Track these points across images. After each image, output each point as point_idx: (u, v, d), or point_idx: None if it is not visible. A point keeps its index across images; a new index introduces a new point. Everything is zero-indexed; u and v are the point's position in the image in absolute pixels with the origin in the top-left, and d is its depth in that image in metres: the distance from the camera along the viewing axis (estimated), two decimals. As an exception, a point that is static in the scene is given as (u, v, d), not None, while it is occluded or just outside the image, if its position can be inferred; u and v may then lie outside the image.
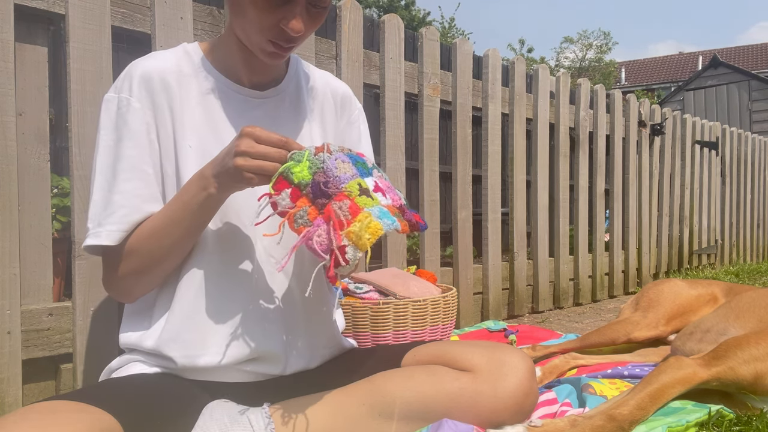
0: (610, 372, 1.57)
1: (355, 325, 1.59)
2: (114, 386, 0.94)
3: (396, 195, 0.92)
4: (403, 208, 0.91)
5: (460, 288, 2.47)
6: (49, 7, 1.41)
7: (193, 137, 1.01)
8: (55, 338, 1.42)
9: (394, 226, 0.85)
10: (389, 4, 15.26)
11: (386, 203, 0.88)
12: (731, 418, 1.13)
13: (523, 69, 2.88)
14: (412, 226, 0.91)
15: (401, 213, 0.90)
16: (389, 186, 0.93)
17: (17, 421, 0.74)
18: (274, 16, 0.93)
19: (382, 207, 0.87)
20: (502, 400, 0.98)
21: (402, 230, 0.88)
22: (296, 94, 1.12)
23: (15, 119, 1.34)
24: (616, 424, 1.03)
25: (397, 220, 0.87)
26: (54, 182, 1.79)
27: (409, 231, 0.90)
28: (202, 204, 0.92)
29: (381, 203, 0.88)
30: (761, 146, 5.58)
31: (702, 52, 22.80)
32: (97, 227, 0.96)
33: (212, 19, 1.71)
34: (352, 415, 0.97)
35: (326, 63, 2.01)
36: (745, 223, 5.32)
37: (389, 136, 2.19)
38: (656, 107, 3.97)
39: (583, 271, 3.26)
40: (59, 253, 1.68)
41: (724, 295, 1.73)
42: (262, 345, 1.00)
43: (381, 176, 0.93)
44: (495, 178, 2.68)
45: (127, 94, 0.98)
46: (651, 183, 3.90)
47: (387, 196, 0.90)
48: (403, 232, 0.88)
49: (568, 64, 21.79)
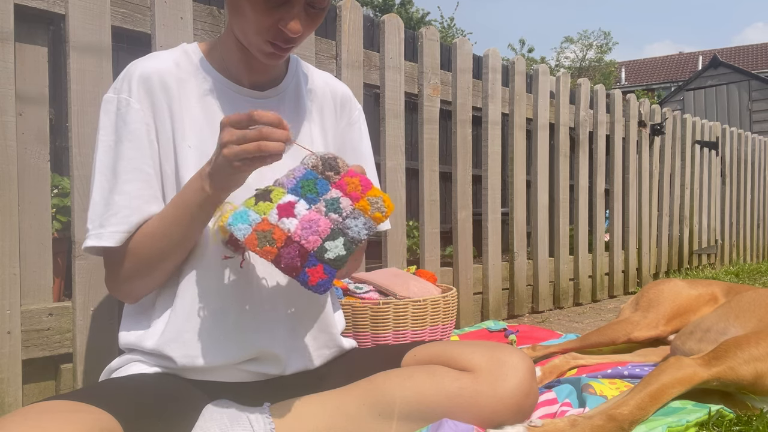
0: (610, 372, 1.57)
1: (355, 325, 1.59)
2: (114, 386, 0.94)
3: (302, 231, 0.87)
4: (290, 242, 0.86)
5: (460, 288, 2.47)
6: (49, 7, 1.41)
7: (193, 137, 1.01)
8: (55, 338, 1.42)
9: (230, 227, 0.85)
10: (384, 4, 15.20)
11: (274, 222, 0.86)
12: (731, 418, 1.13)
13: (523, 69, 2.88)
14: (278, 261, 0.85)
15: (275, 241, 0.85)
16: (314, 221, 0.88)
17: (17, 421, 0.74)
18: (271, 17, 0.93)
19: (249, 210, 0.87)
20: (502, 400, 0.98)
21: (246, 244, 0.85)
22: (296, 95, 1.12)
23: (15, 119, 1.34)
24: (616, 424, 1.03)
25: (250, 229, 0.85)
26: (54, 182, 1.79)
27: (267, 258, 0.85)
28: (201, 204, 0.92)
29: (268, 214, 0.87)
30: (761, 146, 5.58)
31: (702, 52, 22.80)
32: (98, 228, 0.95)
33: (212, 19, 1.71)
34: (352, 415, 0.97)
35: (326, 63, 2.01)
36: (745, 223, 5.32)
37: (389, 136, 2.19)
38: (656, 107, 3.97)
39: (583, 271, 3.26)
40: (59, 253, 1.68)
41: (724, 295, 1.73)
42: (262, 345, 1.00)
43: (321, 210, 0.89)
44: (495, 178, 2.68)
45: (127, 94, 0.98)
46: (651, 183, 3.90)
47: (290, 221, 0.87)
48: (246, 245, 0.85)
49: (568, 64, 21.79)
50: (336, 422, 0.97)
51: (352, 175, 0.93)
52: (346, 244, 0.89)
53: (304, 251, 0.87)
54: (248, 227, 0.86)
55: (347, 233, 0.90)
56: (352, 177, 0.93)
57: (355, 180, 0.93)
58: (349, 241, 0.89)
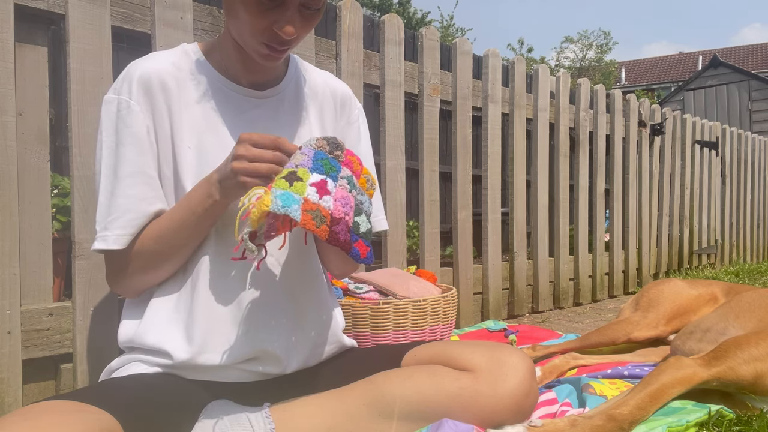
0: (610, 372, 1.57)
1: (355, 325, 1.59)
2: (114, 386, 0.94)
3: (343, 208, 0.87)
4: (337, 220, 0.86)
5: (460, 288, 2.47)
6: (49, 7, 1.41)
7: (192, 138, 1.01)
8: (55, 338, 1.42)
9: (284, 209, 0.80)
10: (381, 4, 15.17)
11: (316, 201, 0.84)
12: (731, 418, 1.13)
13: (523, 69, 2.88)
14: (335, 239, 0.85)
15: (325, 219, 0.85)
16: (346, 198, 0.88)
17: (17, 421, 0.74)
18: (266, 20, 0.93)
19: (291, 193, 0.82)
20: (502, 400, 0.98)
21: (305, 225, 0.82)
22: (295, 95, 1.12)
23: (15, 119, 1.34)
24: (616, 424, 1.03)
25: (300, 210, 0.81)
26: (54, 182, 1.79)
27: (323, 237, 0.84)
28: (208, 209, 0.94)
29: (306, 194, 0.84)
30: (761, 146, 5.58)
31: (702, 52, 22.80)
32: (103, 231, 0.97)
33: (212, 19, 1.71)
34: (352, 414, 0.97)
35: (326, 63, 2.01)
36: (745, 223, 5.32)
37: (389, 136, 2.19)
38: (656, 107, 3.97)
39: (583, 271, 3.26)
40: (59, 253, 1.69)
41: (724, 295, 1.73)
42: (263, 344, 1.00)
43: (346, 187, 0.90)
44: (495, 178, 2.68)
45: (127, 96, 0.98)
46: (651, 183, 3.90)
47: (328, 199, 0.86)
48: (305, 226, 0.82)
49: (568, 64, 21.77)
50: (336, 422, 0.97)
51: (350, 153, 0.96)
52: (367, 218, 0.93)
53: (348, 227, 0.89)
54: (299, 208, 0.83)
55: (361, 208, 0.93)
56: (352, 156, 0.96)
57: (355, 158, 0.97)
58: (367, 215, 0.93)
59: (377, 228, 1.20)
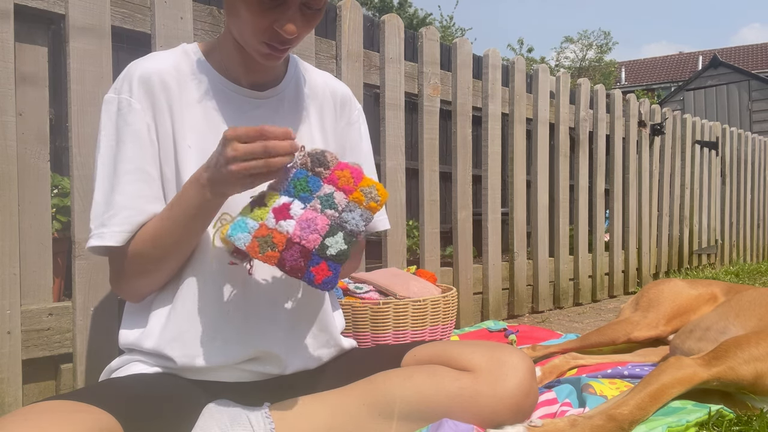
0: (610, 372, 1.57)
1: (355, 325, 1.59)
2: (114, 386, 0.94)
3: (301, 232, 0.87)
4: (291, 244, 0.86)
5: (460, 288, 2.47)
6: (49, 7, 1.41)
7: (193, 137, 1.01)
8: (55, 338, 1.42)
9: (230, 238, 0.86)
10: (381, 5, 15.17)
11: (272, 226, 0.87)
12: (731, 418, 1.13)
13: (523, 69, 2.88)
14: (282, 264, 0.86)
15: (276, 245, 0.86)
16: (311, 220, 0.88)
17: (17, 421, 0.74)
18: (267, 19, 0.93)
19: (246, 218, 0.88)
20: (502, 400, 0.98)
21: (249, 251, 0.86)
22: (295, 95, 1.12)
23: (15, 119, 1.34)
24: (616, 424, 1.03)
25: (251, 237, 0.86)
26: (54, 182, 1.79)
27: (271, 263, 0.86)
28: (201, 208, 0.92)
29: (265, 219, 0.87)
30: (761, 146, 5.58)
31: (702, 52, 22.79)
32: (100, 228, 0.96)
33: (212, 19, 1.71)
34: (352, 415, 0.97)
35: (326, 63, 2.01)
36: (745, 223, 5.32)
37: (389, 136, 2.19)
38: (656, 107, 3.97)
39: (583, 271, 3.26)
40: (59, 253, 1.68)
41: (724, 295, 1.73)
42: (262, 345, 1.00)
43: (317, 208, 0.89)
44: (495, 178, 2.68)
45: (127, 95, 0.98)
46: (651, 183, 3.90)
47: (287, 223, 0.87)
48: (249, 253, 0.86)
49: (568, 64, 21.76)
50: (336, 422, 0.97)
51: (342, 167, 0.92)
52: (346, 238, 0.89)
53: (306, 251, 0.87)
54: (248, 235, 0.86)
55: (345, 227, 0.89)
56: (342, 170, 0.92)
57: (345, 172, 0.91)
58: (348, 234, 0.89)
59: (378, 227, 1.20)
